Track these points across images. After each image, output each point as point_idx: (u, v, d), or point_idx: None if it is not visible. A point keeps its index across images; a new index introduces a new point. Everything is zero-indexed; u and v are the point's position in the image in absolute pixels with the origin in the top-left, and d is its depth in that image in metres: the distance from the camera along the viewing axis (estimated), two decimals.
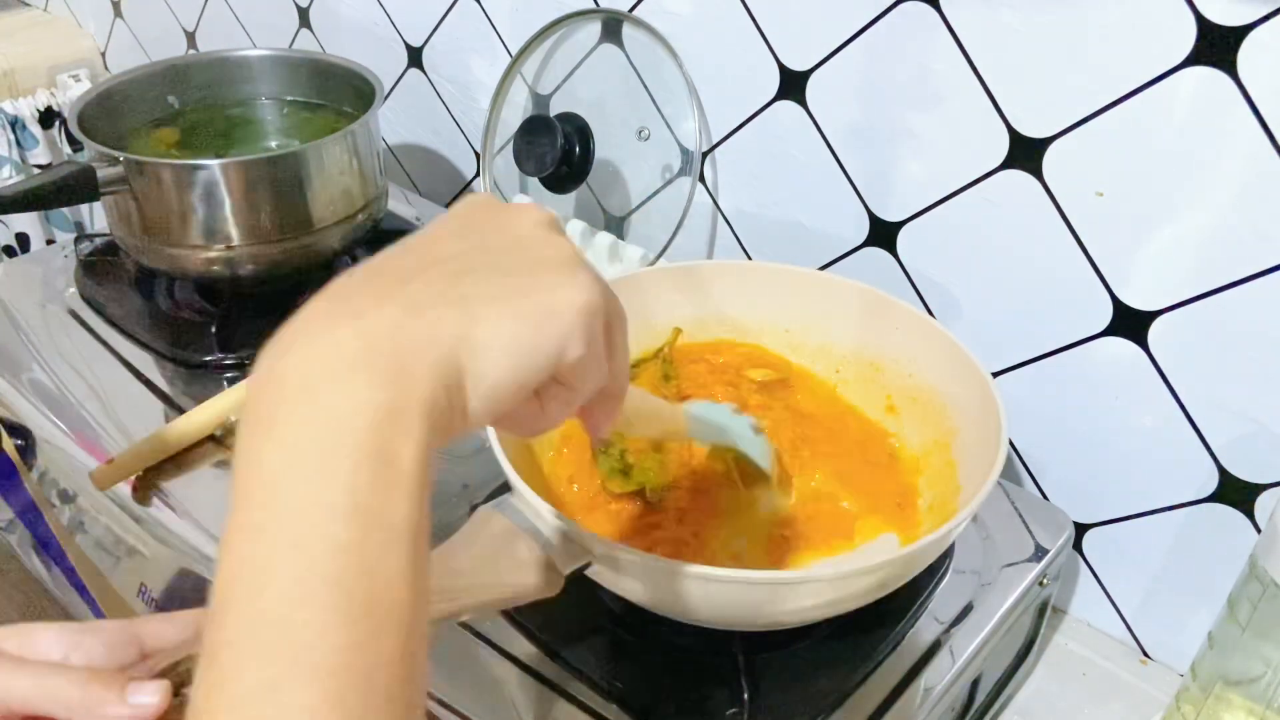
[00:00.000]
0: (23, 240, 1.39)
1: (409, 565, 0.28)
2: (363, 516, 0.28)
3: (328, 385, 0.29)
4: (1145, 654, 0.73)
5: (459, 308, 0.31)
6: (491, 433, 0.56)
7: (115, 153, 0.78)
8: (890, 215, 0.75)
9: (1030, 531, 0.68)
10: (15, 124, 1.35)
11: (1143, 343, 0.65)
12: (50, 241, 1.41)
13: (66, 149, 1.40)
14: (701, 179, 0.84)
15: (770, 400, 0.70)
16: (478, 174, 1.07)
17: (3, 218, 1.36)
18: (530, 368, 0.32)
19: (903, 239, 0.75)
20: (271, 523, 0.27)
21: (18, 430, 0.79)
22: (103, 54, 1.48)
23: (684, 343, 0.73)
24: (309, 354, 0.29)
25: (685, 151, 0.84)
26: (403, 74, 1.07)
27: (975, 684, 0.65)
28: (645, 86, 0.85)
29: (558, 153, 0.83)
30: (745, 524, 0.62)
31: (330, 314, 0.30)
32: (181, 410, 0.74)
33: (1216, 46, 0.56)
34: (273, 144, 0.94)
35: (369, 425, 0.28)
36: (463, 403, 0.31)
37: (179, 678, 0.39)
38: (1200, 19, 0.56)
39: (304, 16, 1.14)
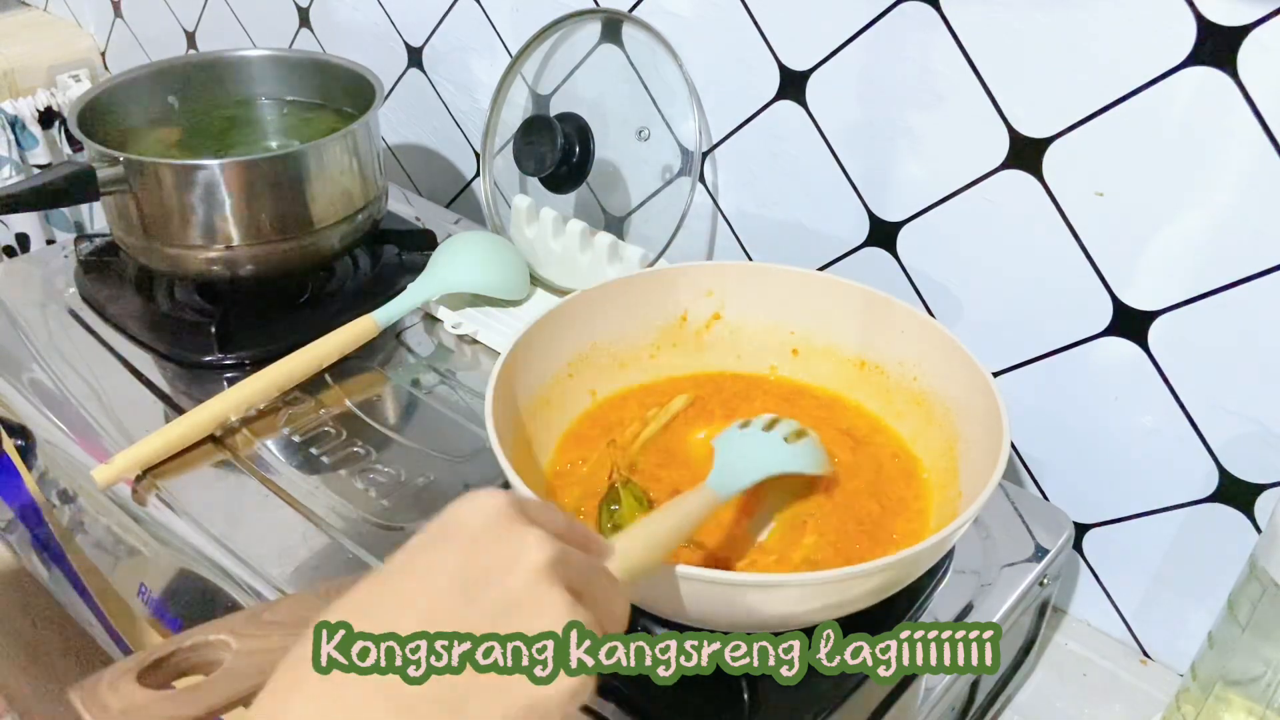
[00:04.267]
0: (23, 240, 1.39)
1: None
2: None
3: None
4: (1145, 654, 0.73)
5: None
6: (491, 432, 0.56)
7: (115, 153, 0.78)
8: (890, 215, 0.75)
9: (1030, 532, 0.67)
10: (15, 124, 1.35)
11: (1143, 343, 0.65)
12: (50, 241, 1.41)
13: (66, 149, 1.40)
14: (701, 179, 0.84)
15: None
16: (478, 174, 1.07)
17: (3, 218, 1.36)
18: None
19: (903, 239, 0.75)
20: None
21: (18, 430, 0.79)
22: (103, 54, 1.48)
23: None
24: None
25: (685, 151, 0.84)
26: (403, 74, 1.07)
27: (975, 684, 0.65)
28: (645, 86, 0.85)
29: (558, 153, 0.83)
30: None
31: (326, 709, 0.32)
32: (181, 410, 0.74)
33: (1216, 46, 0.56)
34: (273, 144, 0.94)
35: None
36: None
37: (174, 668, 0.39)
38: (1200, 19, 0.56)
39: (304, 16, 1.14)
